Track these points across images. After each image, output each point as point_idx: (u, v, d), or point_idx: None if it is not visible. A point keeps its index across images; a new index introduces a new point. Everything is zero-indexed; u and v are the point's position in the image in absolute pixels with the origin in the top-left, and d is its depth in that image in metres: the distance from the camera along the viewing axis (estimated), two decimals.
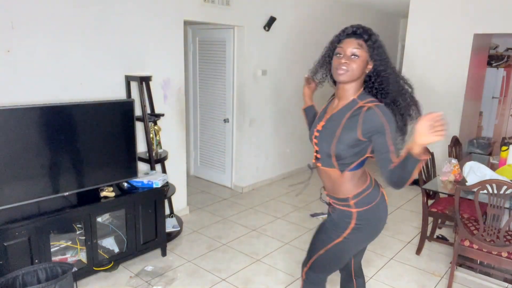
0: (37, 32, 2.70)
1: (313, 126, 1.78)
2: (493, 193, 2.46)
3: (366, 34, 1.58)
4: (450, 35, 4.79)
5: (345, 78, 1.59)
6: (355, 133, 1.57)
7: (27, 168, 2.50)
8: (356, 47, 1.57)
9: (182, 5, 3.62)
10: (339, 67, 1.59)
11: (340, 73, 1.59)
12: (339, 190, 1.72)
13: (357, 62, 1.58)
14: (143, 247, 3.07)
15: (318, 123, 1.74)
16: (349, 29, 1.61)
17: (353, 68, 1.58)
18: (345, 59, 1.58)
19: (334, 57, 1.63)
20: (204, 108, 4.97)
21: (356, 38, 1.58)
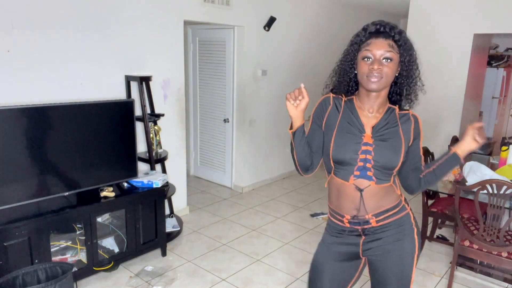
0: (37, 32, 2.70)
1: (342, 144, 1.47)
2: (493, 193, 2.46)
3: (396, 33, 1.39)
4: (450, 35, 4.79)
5: (379, 86, 1.40)
6: (409, 139, 1.51)
7: (27, 168, 2.50)
8: (388, 49, 1.38)
9: (182, 5, 3.62)
10: (371, 74, 1.38)
11: (374, 80, 1.38)
12: (388, 200, 1.53)
13: (391, 66, 1.39)
14: (143, 247, 3.07)
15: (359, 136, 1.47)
16: (372, 27, 1.40)
17: (387, 73, 1.39)
18: (377, 64, 1.37)
19: (362, 62, 1.41)
20: (204, 108, 4.97)
21: (385, 38, 1.38)
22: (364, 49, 1.40)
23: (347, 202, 1.52)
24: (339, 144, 1.47)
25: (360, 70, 1.42)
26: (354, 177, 1.47)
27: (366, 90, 1.45)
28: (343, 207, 1.54)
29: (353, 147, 1.46)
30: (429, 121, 5.15)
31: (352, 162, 1.46)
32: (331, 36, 5.66)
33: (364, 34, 1.41)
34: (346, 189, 1.50)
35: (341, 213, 1.55)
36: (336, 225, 1.60)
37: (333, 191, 1.57)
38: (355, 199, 1.50)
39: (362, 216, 1.52)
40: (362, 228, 1.54)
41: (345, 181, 1.48)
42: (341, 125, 1.49)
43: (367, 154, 1.45)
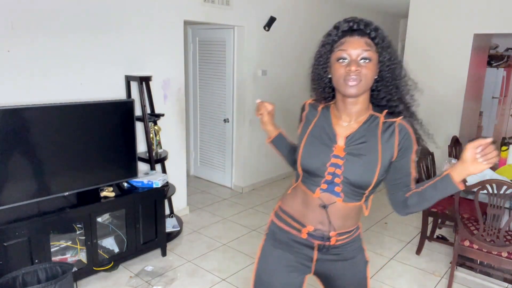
0: (37, 32, 2.70)
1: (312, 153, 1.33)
2: (493, 193, 2.46)
3: (372, 29, 1.23)
4: (450, 35, 4.79)
5: (358, 90, 1.23)
6: (392, 155, 1.30)
7: (27, 168, 2.50)
8: (365, 48, 1.21)
9: (182, 5, 3.62)
10: (348, 77, 1.21)
11: (352, 84, 1.21)
12: (354, 220, 1.40)
13: (370, 67, 1.22)
14: (143, 247, 3.07)
15: (329, 146, 1.32)
16: (345, 25, 1.24)
17: (366, 76, 1.22)
18: (354, 65, 1.20)
19: (336, 64, 1.24)
20: (204, 108, 4.97)
21: (361, 36, 1.22)
22: (338, 50, 1.23)
23: (312, 214, 1.36)
24: (308, 152, 1.34)
25: (335, 74, 1.24)
26: (320, 190, 1.32)
27: (342, 95, 1.28)
28: (308, 217, 1.37)
29: (322, 158, 1.31)
30: (429, 121, 5.13)
31: (320, 174, 1.31)
32: None
33: (336, 33, 1.25)
34: (312, 201, 1.35)
35: (302, 222, 1.38)
36: (287, 234, 1.43)
37: (297, 197, 1.41)
38: (321, 213, 1.35)
39: (326, 232, 1.36)
40: (319, 243, 1.38)
41: (311, 192, 1.34)
42: (312, 132, 1.37)
43: (336, 168, 1.29)
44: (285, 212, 1.45)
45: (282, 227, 1.45)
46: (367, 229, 3.81)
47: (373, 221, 4.01)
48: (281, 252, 1.44)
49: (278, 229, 1.46)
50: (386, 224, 3.94)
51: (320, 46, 1.31)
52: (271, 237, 1.49)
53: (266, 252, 1.48)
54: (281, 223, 1.46)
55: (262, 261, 1.48)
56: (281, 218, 1.46)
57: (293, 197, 1.44)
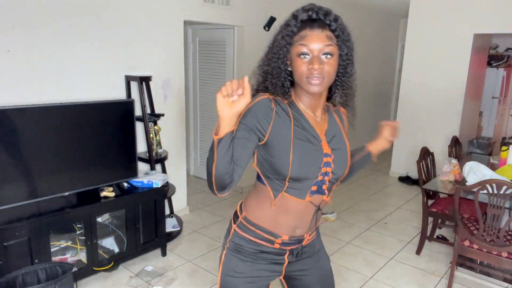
0: (37, 32, 2.70)
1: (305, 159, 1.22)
2: (493, 193, 2.46)
3: (332, 20, 1.16)
4: (450, 35, 4.79)
5: (321, 88, 1.17)
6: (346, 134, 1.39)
7: (27, 168, 2.50)
8: (327, 42, 1.14)
9: (182, 5, 3.62)
10: (311, 76, 1.14)
11: (315, 83, 1.15)
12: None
13: (332, 63, 1.16)
14: (143, 247, 3.07)
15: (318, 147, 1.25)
16: (303, 14, 1.15)
17: (329, 72, 1.16)
18: (317, 63, 1.13)
19: (297, 59, 1.15)
20: (204, 108, 4.97)
21: (322, 29, 1.14)
22: (299, 44, 1.14)
23: (291, 221, 1.29)
24: (300, 159, 1.20)
25: (297, 70, 1.16)
26: (310, 194, 1.25)
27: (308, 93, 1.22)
28: (283, 227, 1.29)
29: (316, 161, 1.23)
30: (429, 121, 5.15)
31: (313, 177, 1.23)
32: None
33: (295, 24, 1.15)
34: (298, 207, 1.26)
35: (276, 233, 1.30)
36: (256, 245, 1.32)
37: (269, 208, 1.28)
38: (306, 217, 1.29)
39: (300, 236, 1.33)
40: (291, 248, 1.35)
41: (301, 199, 1.25)
42: (296, 135, 1.21)
43: (327, 166, 1.24)
44: (253, 224, 1.31)
45: (250, 238, 1.32)
46: (367, 229, 3.81)
47: (373, 221, 4.01)
48: (246, 266, 1.33)
49: (244, 241, 1.32)
50: (386, 224, 3.94)
51: (280, 38, 1.19)
52: (233, 249, 1.34)
53: (229, 264, 1.36)
54: (248, 234, 1.32)
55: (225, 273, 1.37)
56: (248, 229, 1.32)
57: (261, 208, 1.30)
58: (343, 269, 3.07)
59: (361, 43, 6.49)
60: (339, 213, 4.18)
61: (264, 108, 1.18)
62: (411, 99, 5.25)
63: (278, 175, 1.22)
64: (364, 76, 6.82)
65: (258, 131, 1.18)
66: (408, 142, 5.34)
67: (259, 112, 1.18)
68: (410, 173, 5.33)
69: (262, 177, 1.29)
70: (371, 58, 6.87)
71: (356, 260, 3.22)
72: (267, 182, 1.27)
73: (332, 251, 3.36)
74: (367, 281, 2.93)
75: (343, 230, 3.79)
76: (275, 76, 1.20)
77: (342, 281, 2.90)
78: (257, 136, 1.18)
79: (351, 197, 4.70)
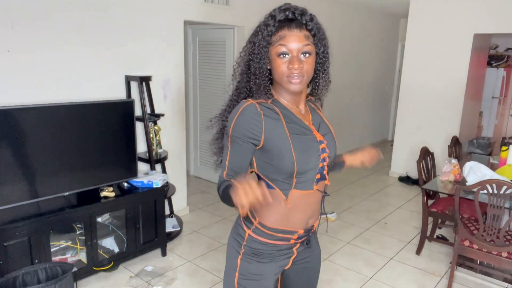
0: (37, 32, 2.70)
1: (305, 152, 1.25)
2: (493, 193, 2.46)
3: (308, 20, 1.20)
4: (450, 35, 4.79)
5: (301, 86, 1.22)
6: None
7: (27, 168, 2.50)
8: (305, 42, 1.18)
9: (182, 5, 3.62)
10: (291, 75, 1.18)
11: (296, 82, 1.19)
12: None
13: (310, 61, 1.20)
14: (143, 247, 3.07)
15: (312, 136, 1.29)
16: (281, 14, 1.19)
17: (308, 71, 1.20)
18: (296, 62, 1.17)
19: (277, 59, 1.19)
20: (204, 108, 4.97)
21: (300, 29, 1.18)
22: (278, 44, 1.18)
23: (304, 214, 1.32)
24: (302, 152, 1.23)
25: (277, 69, 1.20)
26: (316, 183, 1.30)
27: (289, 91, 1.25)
28: (298, 222, 1.32)
29: (315, 150, 1.27)
30: (429, 121, 5.15)
31: (316, 167, 1.28)
32: (331, 36, 5.65)
33: (273, 24, 1.19)
34: (308, 198, 1.30)
35: (293, 230, 1.33)
36: (274, 247, 1.34)
37: (278, 208, 1.29)
38: (316, 205, 1.35)
39: (312, 225, 1.40)
40: (303, 240, 1.39)
41: (310, 190, 1.29)
42: (291, 131, 1.24)
43: (324, 153, 1.31)
44: (270, 228, 1.32)
45: (268, 242, 1.33)
46: (367, 229, 3.81)
47: (373, 221, 4.01)
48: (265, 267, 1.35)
49: (262, 245, 1.33)
50: (386, 224, 3.94)
51: (261, 38, 1.20)
52: (250, 254, 1.34)
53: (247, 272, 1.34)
54: (266, 238, 1.33)
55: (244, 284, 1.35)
56: (265, 234, 1.33)
57: (275, 211, 1.30)
58: (343, 269, 3.07)
59: (361, 43, 6.49)
60: (339, 213, 4.18)
61: (251, 114, 1.21)
62: (411, 99, 5.25)
63: (284, 174, 1.24)
64: (364, 76, 6.83)
65: (252, 139, 1.21)
66: (408, 142, 5.34)
67: (248, 121, 1.20)
68: (410, 173, 5.33)
69: (268, 181, 1.29)
70: (371, 58, 6.88)
71: (356, 260, 3.22)
72: (274, 185, 1.28)
73: (332, 251, 3.36)
74: (367, 281, 2.93)
75: (343, 230, 3.79)
76: (258, 76, 1.22)
77: (342, 281, 2.90)
78: (252, 144, 1.22)
79: (351, 197, 4.70)
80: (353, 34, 6.24)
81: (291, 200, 1.28)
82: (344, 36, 6.03)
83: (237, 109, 1.23)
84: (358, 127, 6.79)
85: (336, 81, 6.21)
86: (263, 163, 1.27)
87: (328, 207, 4.31)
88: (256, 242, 1.34)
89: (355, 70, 6.50)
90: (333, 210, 4.19)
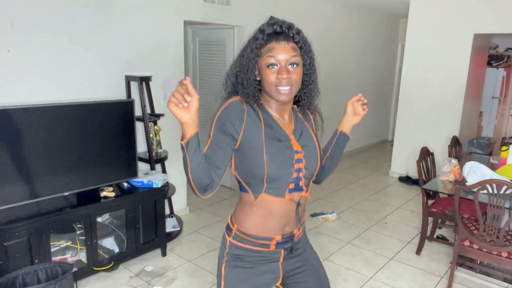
0: (37, 32, 2.70)
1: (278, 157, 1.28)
2: (493, 193, 2.46)
3: (295, 33, 1.25)
4: (450, 35, 4.79)
5: (290, 96, 1.26)
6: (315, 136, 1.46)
7: (27, 168, 2.49)
8: (292, 53, 1.23)
9: (182, 5, 3.62)
10: (280, 85, 1.23)
11: (284, 92, 1.23)
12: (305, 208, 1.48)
13: (297, 72, 1.25)
14: (143, 247, 3.07)
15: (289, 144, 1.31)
16: (269, 29, 1.24)
17: (296, 80, 1.25)
18: (285, 72, 1.21)
19: (266, 70, 1.23)
20: (204, 108, 4.97)
21: (287, 41, 1.23)
22: (267, 56, 1.23)
23: (278, 222, 1.34)
24: (275, 158, 1.27)
25: (266, 79, 1.24)
26: (289, 191, 1.31)
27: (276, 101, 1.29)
28: (273, 229, 1.35)
29: (288, 158, 1.30)
30: (429, 121, 5.15)
31: (288, 175, 1.30)
32: (331, 36, 5.66)
33: (263, 37, 1.24)
34: (280, 206, 1.32)
35: (269, 236, 1.35)
36: (255, 252, 1.37)
37: (257, 213, 1.33)
38: (290, 214, 1.35)
39: (291, 233, 1.40)
40: (285, 248, 1.40)
41: (281, 198, 1.31)
42: (268, 134, 1.28)
43: (299, 163, 1.32)
44: (246, 234, 1.36)
45: (247, 247, 1.37)
46: (367, 229, 3.81)
47: (373, 221, 4.01)
48: (248, 273, 1.38)
49: (242, 250, 1.37)
50: (386, 224, 3.94)
51: (249, 51, 1.26)
52: (232, 260, 1.38)
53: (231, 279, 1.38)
54: (245, 244, 1.37)
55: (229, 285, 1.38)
56: (244, 240, 1.37)
57: (249, 217, 1.34)
58: (343, 269, 3.07)
59: (361, 43, 6.50)
60: (339, 213, 4.18)
61: (236, 109, 1.26)
62: (411, 99, 5.25)
63: (255, 177, 1.28)
64: (364, 76, 6.83)
65: (232, 130, 1.24)
66: (408, 142, 5.34)
67: (232, 113, 1.25)
68: (410, 173, 5.33)
69: (243, 184, 1.33)
70: (371, 58, 6.88)
71: (356, 260, 3.22)
72: (248, 188, 1.32)
73: (332, 251, 3.36)
74: (367, 281, 2.93)
75: (343, 230, 3.79)
76: (246, 86, 1.28)
77: (342, 281, 2.90)
78: (231, 137, 1.24)
79: (351, 197, 4.70)
80: (353, 34, 6.24)
81: (260, 203, 1.31)
82: (344, 36, 6.03)
83: (224, 102, 1.28)
84: (358, 127, 6.78)
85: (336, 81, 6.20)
86: (240, 164, 1.30)
87: (328, 207, 4.32)
88: (237, 249, 1.38)
89: (355, 70, 6.50)
90: (333, 210, 4.19)
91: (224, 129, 1.24)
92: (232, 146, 1.26)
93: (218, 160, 1.23)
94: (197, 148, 1.13)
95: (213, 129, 1.25)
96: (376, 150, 7.20)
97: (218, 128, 1.24)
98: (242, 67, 1.27)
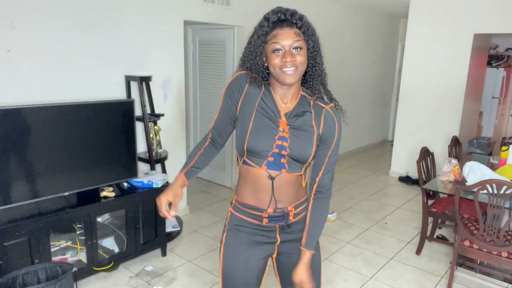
0: (37, 32, 2.70)
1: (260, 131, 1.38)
2: (493, 193, 2.46)
3: (298, 19, 1.34)
4: (450, 35, 4.79)
5: (295, 77, 1.33)
6: (318, 136, 1.43)
7: (27, 168, 2.50)
8: (296, 38, 1.31)
9: (182, 5, 3.62)
10: (284, 67, 1.31)
11: (289, 73, 1.31)
12: (302, 191, 1.51)
13: (302, 54, 1.32)
14: (143, 247, 3.07)
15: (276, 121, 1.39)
16: (273, 16, 1.33)
17: (301, 62, 1.32)
18: (289, 56, 1.30)
19: (272, 55, 1.32)
20: (204, 108, 4.97)
21: (290, 27, 1.31)
22: (272, 42, 1.31)
23: (264, 193, 1.43)
24: (258, 128, 1.38)
25: (272, 63, 1.33)
26: (267, 164, 1.40)
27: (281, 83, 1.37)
28: (262, 200, 1.44)
29: (271, 133, 1.38)
30: (429, 121, 5.15)
31: (268, 148, 1.38)
32: (331, 35, 5.66)
33: (268, 25, 1.33)
34: (256, 176, 1.42)
35: (260, 207, 1.45)
36: (250, 224, 1.49)
37: (247, 181, 1.46)
38: (264, 188, 1.43)
39: (284, 208, 1.46)
40: (280, 224, 1.48)
41: (258, 167, 1.40)
42: (259, 108, 1.40)
43: (283, 141, 1.38)
44: (242, 204, 1.50)
45: (243, 218, 1.50)
46: (367, 229, 3.81)
47: (373, 221, 4.01)
48: (245, 235, 1.49)
49: (239, 221, 1.51)
50: (386, 224, 3.94)
51: (256, 38, 1.35)
52: (232, 229, 1.52)
53: (229, 240, 1.52)
54: (241, 214, 1.50)
55: (227, 249, 1.52)
56: (240, 210, 1.50)
57: (243, 186, 1.49)
58: (343, 269, 3.07)
59: (361, 43, 6.50)
60: (339, 213, 4.18)
61: (240, 80, 1.43)
62: (411, 99, 5.25)
63: (241, 145, 1.41)
64: (364, 76, 6.83)
65: (233, 100, 1.44)
66: (408, 142, 5.34)
67: (236, 84, 1.44)
68: (410, 173, 5.33)
69: (238, 155, 1.48)
70: (371, 58, 6.88)
71: (356, 260, 3.22)
72: (238, 151, 1.46)
73: (332, 251, 3.36)
74: (367, 281, 2.93)
75: (343, 230, 3.79)
76: (254, 71, 1.39)
77: (342, 281, 2.90)
78: (231, 105, 1.45)
79: (351, 197, 4.71)
80: (353, 34, 6.24)
81: (241, 169, 1.47)
82: (344, 36, 6.03)
83: (233, 76, 1.46)
84: (358, 127, 6.79)
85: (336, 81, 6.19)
86: (236, 132, 1.46)
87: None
88: (235, 218, 1.52)
89: (355, 70, 6.50)
90: (333, 210, 4.18)
91: (229, 99, 1.45)
92: (234, 121, 1.46)
93: (221, 134, 1.53)
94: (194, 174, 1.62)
95: (222, 98, 1.48)
96: (376, 150, 7.20)
97: (226, 98, 1.46)
98: (250, 53, 1.38)
